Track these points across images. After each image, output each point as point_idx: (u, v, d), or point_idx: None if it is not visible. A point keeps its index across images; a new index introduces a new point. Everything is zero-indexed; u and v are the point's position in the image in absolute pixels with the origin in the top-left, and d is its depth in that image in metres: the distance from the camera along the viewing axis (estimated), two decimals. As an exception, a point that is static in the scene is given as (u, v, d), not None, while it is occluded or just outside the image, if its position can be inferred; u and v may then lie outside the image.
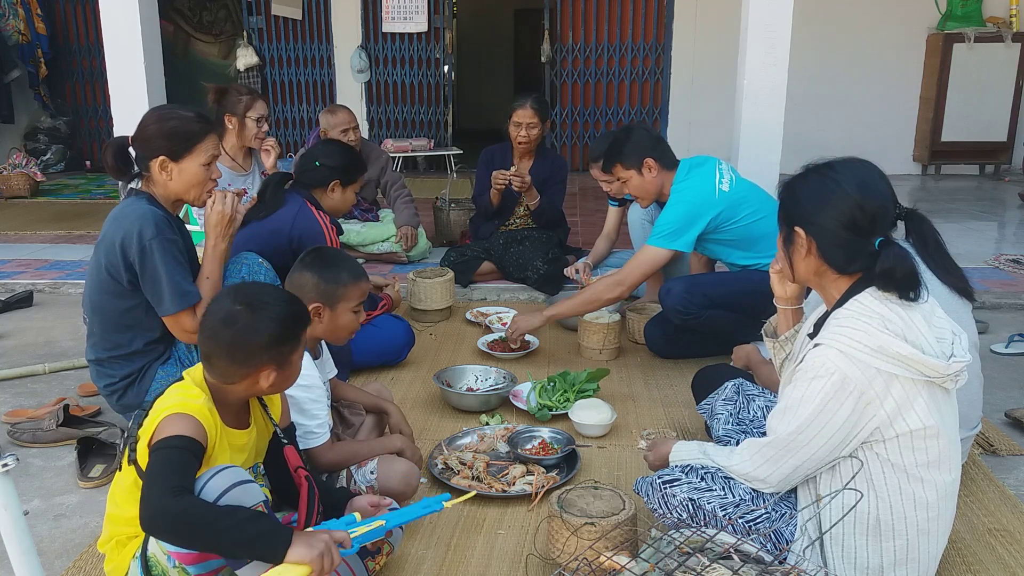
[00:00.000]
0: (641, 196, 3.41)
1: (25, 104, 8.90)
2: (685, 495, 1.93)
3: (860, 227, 1.76)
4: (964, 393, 2.33)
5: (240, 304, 1.75)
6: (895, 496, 1.76)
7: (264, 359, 1.75)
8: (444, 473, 2.51)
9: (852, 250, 1.77)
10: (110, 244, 2.51)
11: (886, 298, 1.74)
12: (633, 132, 3.39)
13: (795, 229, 1.82)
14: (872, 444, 1.75)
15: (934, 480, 1.76)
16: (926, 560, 1.82)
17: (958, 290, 2.31)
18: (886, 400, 1.69)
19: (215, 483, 1.60)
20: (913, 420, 1.71)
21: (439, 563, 2.11)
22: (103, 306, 2.58)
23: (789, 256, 1.87)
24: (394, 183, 4.91)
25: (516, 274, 4.40)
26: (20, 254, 5.25)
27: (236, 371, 1.75)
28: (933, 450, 1.74)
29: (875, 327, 1.69)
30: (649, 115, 8.59)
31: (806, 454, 1.77)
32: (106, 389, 2.67)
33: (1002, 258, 4.93)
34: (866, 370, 1.68)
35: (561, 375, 3.09)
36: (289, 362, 1.81)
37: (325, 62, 8.69)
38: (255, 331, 1.73)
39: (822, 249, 1.79)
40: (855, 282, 1.79)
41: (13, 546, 1.58)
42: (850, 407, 1.70)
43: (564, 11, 8.43)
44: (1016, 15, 7.87)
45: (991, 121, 7.92)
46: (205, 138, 2.57)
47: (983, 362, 2.43)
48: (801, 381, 1.76)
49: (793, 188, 1.86)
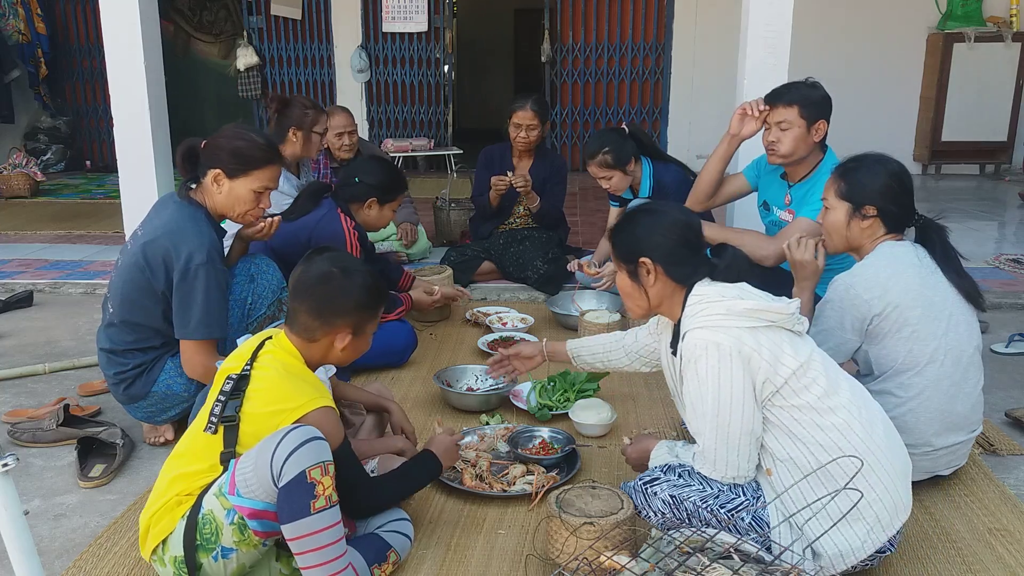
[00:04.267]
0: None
1: (25, 104, 8.90)
2: (666, 493, 1.97)
3: (692, 243, 2.03)
4: (965, 395, 2.34)
5: (336, 267, 1.97)
6: (819, 434, 1.86)
7: (345, 320, 1.96)
8: (445, 473, 2.51)
9: (693, 263, 2.01)
10: (156, 249, 2.54)
11: (715, 285, 1.98)
12: None
13: (640, 261, 2.01)
14: (772, 398, 1.88)
15: (841, 404, 1.88)
16: (891, 485, 1.87)
17: (966, 294, 2.33)
18: (761, 349, 1.86)
19: (293, 436, 1.73)
20: (789, 361, 1.87)
21: (439, 563, 2.11)
22: (132, 301, 2.60)
23: (641, 287, 2.05)
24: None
25: (516, 274, 4.40)
26: (20, 254, 5.25)
27: (319, 328, 1.95)
28: (821, 379, 1.89)
29: (715, 299, 1.92)
30: (649, 115, 8.59)
31: (736, 432, 1.88)
32: (115, 377, 2.68)
33: (1002, 258, 4.93)
34: (730, 332, 1.86)
35: (561, 375, 3.09)
36: (364, 331, 2.02)
37: (325, 62, 8.69)
38: (345, 292, 1.95)
39: (667, 270, 2.01)
40: (687, 290, 2.01)
41: (13, 546, 1.58)
42: (739, 367, 1.85)
43: (564, 11, 8.42)
44: (1016, 15, 7.87)
45: (991, 121, 7.91)
46: (265, 166, 2.63)
47: (983, 362, 2.43)
48: (689, 372, 1.92)
49: (623, 231, 2.09)
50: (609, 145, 3.76)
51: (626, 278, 2.08)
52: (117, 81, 4.35)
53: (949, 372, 2.29)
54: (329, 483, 1.74)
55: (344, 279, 1.96)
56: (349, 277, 1.97)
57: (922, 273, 2.30)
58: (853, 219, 2.37)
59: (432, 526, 2.28)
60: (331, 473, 1.75)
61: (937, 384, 2.28)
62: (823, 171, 3.09)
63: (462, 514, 2.34)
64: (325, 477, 1.73)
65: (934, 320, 2.27)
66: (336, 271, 1.96)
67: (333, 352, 2.00)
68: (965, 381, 2.33)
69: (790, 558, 1.77)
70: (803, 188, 3.17)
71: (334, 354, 2.00)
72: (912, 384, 2.27)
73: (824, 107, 3.10)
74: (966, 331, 2.33)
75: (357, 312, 1.98)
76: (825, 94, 3.13)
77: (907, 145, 8.29)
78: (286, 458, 1.69)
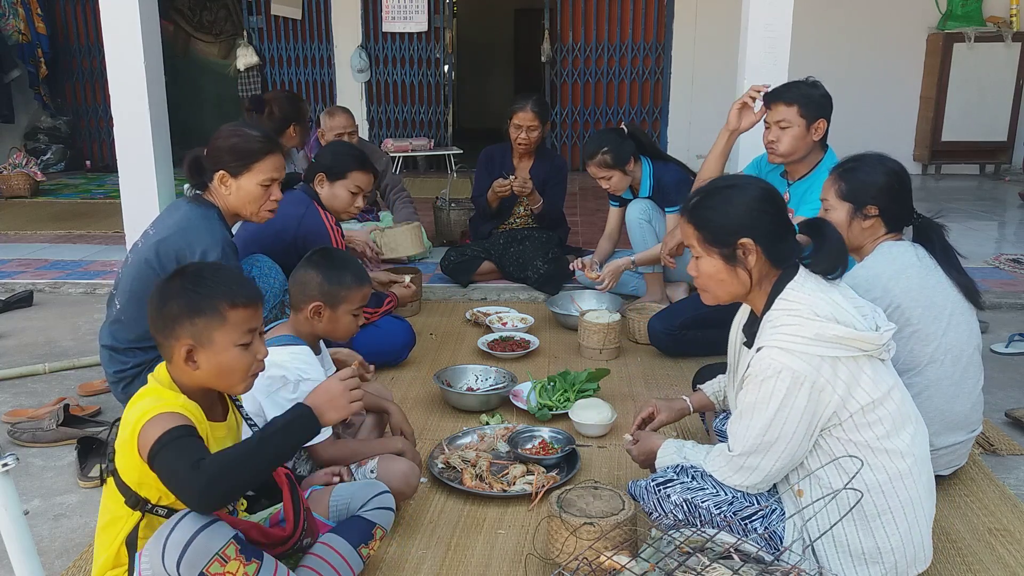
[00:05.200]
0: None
1: (25, 104, 8.90)
2: (680, 496, 1.93)
3: (784, 217, 1.88)
4: (965, 394, 2.34)
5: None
6: (867, 474, 1.79)
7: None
8: (444, 472, 2.52)
9: (789, 239, 1.87)
10: (169, 246, 2.56)
11: (807, 286, 1.82)
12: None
13: (740, 243, 1.84)
14: (831, 429, 1.80)
15: (898, 449, 1.80)
16: (918, 535, 1.84)
17: (966, 293, 2.33)
18: (836, 383, 1.75)
19: (175, 537, 1.55)
20: (862, 395, 1.77)
21: (439, 563, 2.11)
22: (141, 298, 2.59)
23: (737, 272, 1.87)
24: (394, 186, 4.92)
25: (516, 274, 4.40)
26: (20, 254, 5.25)
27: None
28: (887, 419, 1.80)
29: (806, 318, 1.77)
30: (649, 115, 8.59)
31: (775, 453, 1.81)
32: (115, 376, 2.69)
33: (1002, 258, 4.93)
34: (810, 360, 1.74)
35: (561, 375, 3.09)
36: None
37: (325, 62, 8.69)
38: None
39: (768, 250, 1.85)
40: (776, 280, 1.86)
41: (13, 546, 1.58)
42: (805, 398, 1.75)
43: (564, 11, 8.42)
44: (1016, 15, 7.87)
45: (991, 121, 7.91)
46: (265, 158, 2.63)
47: (983, 361, 2.43)
48: (752, 385, 1.81)
49: (709, 210, 1.88)
50: (608, 145, 3.76)
51: (719, 262, 1.87)
52: (117, 81, 4.35)
53: (949, 372, 2.29)
54: (236, 566, 1.58)
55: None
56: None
57: (922, 273, 2.30)
58: (855, 219, 2.36)
59: (432, 526, 2.28)
60: (235, 554, 1.58)
61: (937, 384, 2.28)
62: (823, 169, 3.10)
63: (462, 514, 2.34)
64: (230, 563, 1.57)
65: (934, 320, 2.27)
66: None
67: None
68: (965, 381, 2.33)
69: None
70: (802, 186, 3.17)
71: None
72: (912, 384, 2.27)
73: (824, 106, 3.10)
74: (966, 331, 2.33)
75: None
76: (825, 93, 3.13)
77: (907, 145, 8.29)
78: (177, 568, 1.54)
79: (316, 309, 2.25)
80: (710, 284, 1.92)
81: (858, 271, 2.33)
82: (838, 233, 1.88)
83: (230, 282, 1.72)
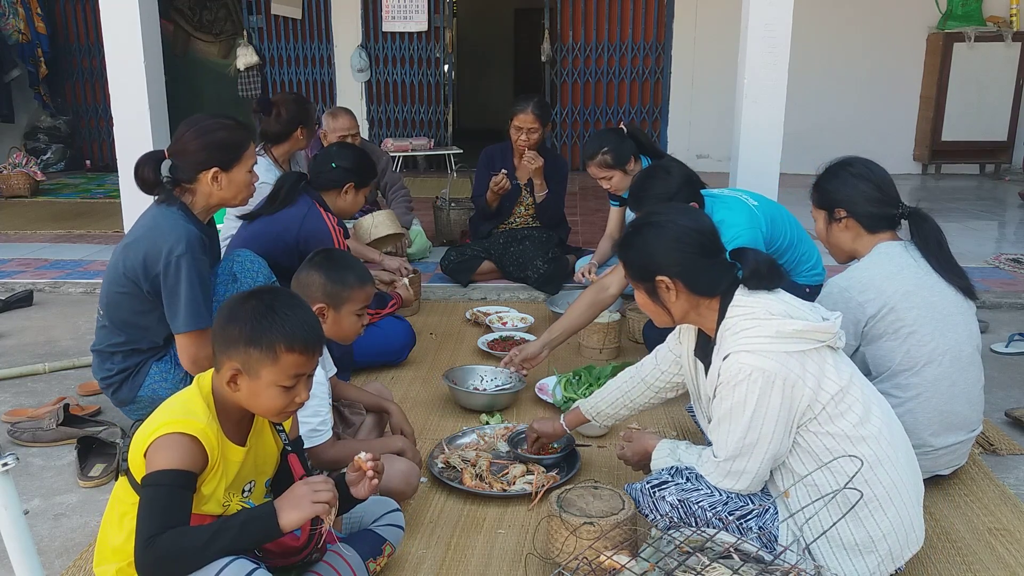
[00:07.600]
0: None
1: (25, 103, 8.90)
2: (675, 497, 1.94)
3: (709, 249, 1.92)
4: (965, 394, 2.34)
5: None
6: (848, 465, 1.81)
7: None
8: (444, 472, 2.52)
9: (714, 272, 1.91)
10: (136, 250, 2.53)
11: (755, 293, 1.89)
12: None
13: (657, 279, 1.92)
14: (807, 424, 1.83)
15: (872, 435, 1.83)
16: (907, 517, 1.85)
17: (962, 289, 2.33)
18: (806, 376, 1.80)
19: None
20: (830, 385, 1.82)
21: (439, 563, 2.11)
22: (118, 304, 2.59)
23: (663, 305, 1.96)
24: (393, 184, 4.91)
25: (516, 273, 4.40)
26: (20, 254, 5.25)
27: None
28: (857, 405, 1.84)
29: (763, 318, 1.83)
30: (649, 115, 8.59)
31: (759, 454, 1.84)
32: (103, 382, 2.69)
33: (1002, 257, 4.93)
34: (777, 357, 1.79)
35: (586, 368, 3.16)
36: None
37: (325, 61, 8.69)
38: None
39: (689, 284, 1.91)
40: (722, 299, 1.91)
41: (13, 546, 1.58)
42: (779, 396, 1.79)
43: (564, 11, 8.42)
44: (1016, 15, 7.87)
45: (991, 121, 7.92)
46: (250, 144, 2.65)
47: (983, 361, 2.43)
48: (726, 391, 1.85)
49: (632, 247, 1.97)
50: (608, 145, 3.76)
51: (645, 296, 1.98)
52: (117, 81, 4.35)
53: (948, 372, 2.29)
54: None
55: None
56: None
57: (918, 273, 2.30)
58: (831, 225, 2.44)
59: (432, 526, 2.28)
60: None
61: (936, 384, 2.28)
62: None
63: (462, 514, 2.34)
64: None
65: (932, 320, 2.27)
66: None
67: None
68: (964, 381, 2.33)
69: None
70: None
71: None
72: (910, 384, 2.27)
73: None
74: (965, 331, 2.32)
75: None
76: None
77: (907, 145, 8.30)
78: None
79: (320, 311, 2.25)
80: (647, 311, 2.03)
81: (853, 272, 2.33)
82: (762, 254, 1.94)
83: (296, 323, 1.67)
